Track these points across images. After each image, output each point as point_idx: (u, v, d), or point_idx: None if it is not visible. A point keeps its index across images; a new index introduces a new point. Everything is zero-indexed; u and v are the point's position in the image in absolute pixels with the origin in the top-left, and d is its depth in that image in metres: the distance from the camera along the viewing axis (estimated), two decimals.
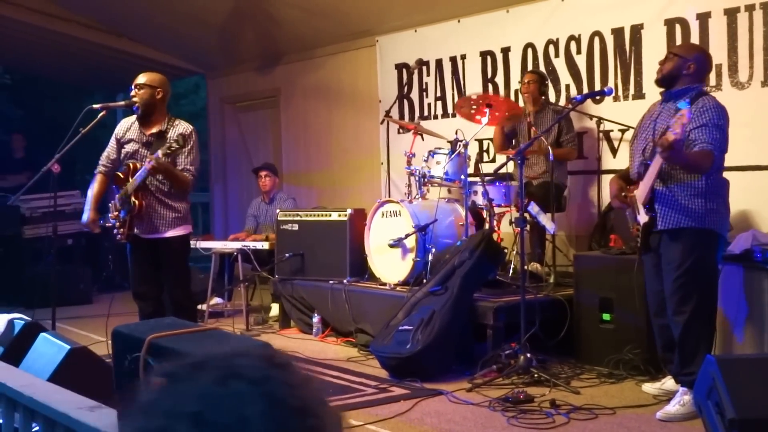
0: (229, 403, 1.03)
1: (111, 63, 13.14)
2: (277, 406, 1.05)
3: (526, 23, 8.18)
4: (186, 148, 6.10)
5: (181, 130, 6.16)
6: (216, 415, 1.02)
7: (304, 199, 10.53)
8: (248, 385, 1.06)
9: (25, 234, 10.48)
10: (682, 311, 5.03)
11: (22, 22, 11.44)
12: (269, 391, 1.06)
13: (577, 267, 6.55)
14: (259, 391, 1.05)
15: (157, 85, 6.23)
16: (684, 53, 5.30)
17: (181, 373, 1.10)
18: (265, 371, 1.09)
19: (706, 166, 4.94)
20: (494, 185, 7.16)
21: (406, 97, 9.49)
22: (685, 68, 5.19)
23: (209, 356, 1.13)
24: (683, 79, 5.20)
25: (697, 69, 5.21)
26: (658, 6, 7.08)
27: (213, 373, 1.08)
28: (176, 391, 1.07)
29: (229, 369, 1.08)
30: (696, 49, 5.65)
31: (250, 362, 1.10)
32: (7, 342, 5.22)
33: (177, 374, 1.10)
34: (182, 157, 6.14)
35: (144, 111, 6.23)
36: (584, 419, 5.06)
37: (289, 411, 1.05)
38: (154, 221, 6.20)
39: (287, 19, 10.15)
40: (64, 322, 8.23)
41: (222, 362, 1.10)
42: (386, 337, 6.36)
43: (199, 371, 1.09)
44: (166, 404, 1.06)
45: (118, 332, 2.67)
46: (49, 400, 3.15)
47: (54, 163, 6.39)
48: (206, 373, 1.08)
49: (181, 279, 6.37)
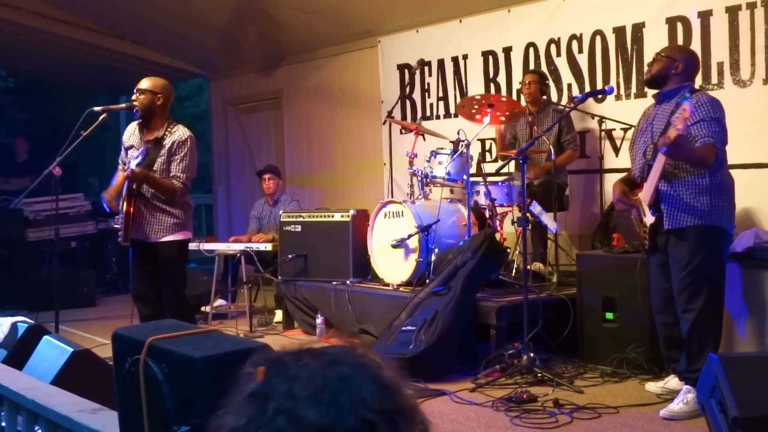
0: (340, 385, 1.12)
1: (114, 66, 13.17)
2: (383, 386, 1.15)
3: (527, 23, 8.18)
4: (179, 156, 6.07)
5: (176, 137, 6.11)
6: (330, 396, 1.11)
7: (306, 200, 10.54)
8: (353, 369, 1.15)
9: (29, 237, 10.50)
10: (691, 309, 5.03)
11: (25, 26, 11.46)
12: (371, 374, 1.15)
13: (580, 266, 6.55)
14: (363, 374, 1.15)
15: (158, 91, 6.18)
16: (671, 54, 5.34)
17: (285, 360, 1.18)
18: (360, 357, 1.18)
19: (710, 159, 4.95)
20: (496, 185, 7.16)
21: (408, 98, 9.49)
22: (673, 68, 5.23)
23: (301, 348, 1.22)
24: (672, 78, 5.24)
25: (686, 68, 5.25)
26: (659, 4, 7.07)
27: (318, 360, 1.16)
28: (287, 377, 1.14)
29: (329, 356, 1.17)
30: (684, 50, 5.69)
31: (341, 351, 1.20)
32: (11, 345, 5.23)
33: (282, 361, 1.18)
34: (174, 164, 6.09)
35: (143, 116, 6.20)
36: (588, 418, 5.06)
37: (391, 391, 1.16)
38: (151, 226, 6.16)
39: (289, 20, 10.16)
40: (68, 325, 8.25)
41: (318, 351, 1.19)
42: (389, 338, 6.36)
43: (302, 359, 1.17)
44: (281, 388, 1.13)
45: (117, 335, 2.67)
46: (51, 403, 3.16)
47: (55, 166, 6.40)
48: (311, 360, 1.16)
49: (175, 284, 6.28)
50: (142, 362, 2.47)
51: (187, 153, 6.11)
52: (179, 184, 6.09)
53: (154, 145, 6.14)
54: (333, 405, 1.09)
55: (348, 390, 1.11)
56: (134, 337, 2.59)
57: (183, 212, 6.24)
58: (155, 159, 6.11)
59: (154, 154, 6.11)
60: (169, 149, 6.10)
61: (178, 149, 6.09)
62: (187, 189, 6.19)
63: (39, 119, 16.57)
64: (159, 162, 6.09)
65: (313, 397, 1.10)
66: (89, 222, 11.15)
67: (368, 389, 1.12)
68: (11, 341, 5.28)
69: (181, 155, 6.09)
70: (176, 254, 6.25)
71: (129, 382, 2.57)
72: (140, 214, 6.13)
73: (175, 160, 6.08)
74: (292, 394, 1.11)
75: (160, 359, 2.45)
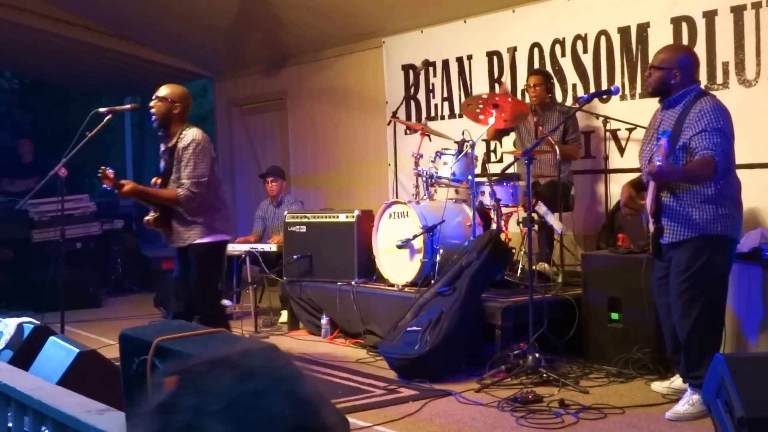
0: (252, 400, 1.05)
1: (118, 67, 13.20)
2: (298, 402, 1.07)
3: (532, 23, 8.17)
4: (183, 161, 6.00)
5: (182, 143, 6.03)
6: (241, 412, 1.04)
7: (311, 200, 10.54)
8: (268, 383, 1.07)
9: (34, 238, 10.52)
10: (688, 315, 5.00)
11: (29, 27, 11.48)
12: (288, 389, 1.08)
13: (585, 266, 6.54)
14: (279, 389, 1.07)
15: (175, 99, 6.12)
16: (665, 64, 5.16)
17: (198, 371, 1.11)
18: (277, 371, 1.11)
19: (706, 174, 4.91)
20: (501, 185, 7.16)
21: (412, 98, 9.49)
22: (672, 78, 5.12)
23: (218, 356, 1.14)
24: (674, 87, 5.14)
25: (684, 74, 5.12)
26: (664, 4, 7.07)
27: (233, 372, 1.09)
28: (198, 389, 1.08)
29: (245, 368, 1.10)
30: (677, 52, 5.42)
31: (260, 362, 1.12)
32: (17, 346, 5.23)
33: (194, 372, 1.11)
34: (181, 170, 6.02)
35: (160, 124, 6.15)
36: (593, 419, 5.06)
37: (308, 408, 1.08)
38: (179, 234, 6.15)
39: (293, 21, 10.16)
40: (73, 326, 8.26)
41: (235, 362, 1.11)
42: (395, 338, 6.36)
43: (216, 370, 1.10)
44: (189, 401, 1.06)
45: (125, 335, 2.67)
46: (58, 403, 3.16)
47: (61, 167, 6.41)
48: (225, 372, 1.09)
49: (199, 287, 6.18)
50: (150, 362, 2.48)
51: (191, 157, 5.98)
52: (183, 192, 5.97)
53: (170, 154, 6.11)
54: (243, 422, 1.03)
55: (261, 406, 1.05)
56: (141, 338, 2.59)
57: (211, 217, 6.14)
58: (170, 168, 6.08)
59: (169, 163, 6.09)
60: (177, 157, 6.04)
61: (183, 154, 6.01)
62: (194, 195, 5.99)
63: (43, 120, 16.61)
64: (173, 171, 6.06)
65: (223, 413, 1.03)
66: (94, 223, 11.16)
67: (282, 406, 1.05)
68: (17, 342, 5.28)
69: (186, 160, 5.99)
70: (202, 257, 6.13)
71: (136, 383, 2.58)
72: (168, 220, 6.14)
73: (181, 166, 6.01)
74: (201, 409, 1.04)
75: (168, 360, 2.45)
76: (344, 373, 6.40)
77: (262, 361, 1.12)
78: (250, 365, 1.10)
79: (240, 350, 1.16)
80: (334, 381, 6.12)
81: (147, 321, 8.01)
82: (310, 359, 6.82)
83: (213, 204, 6.18)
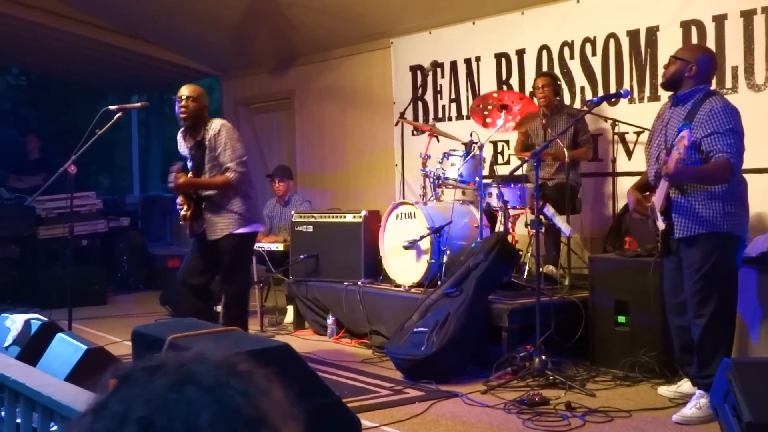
0: (178, 408, 1.02)
1: (125, 65, 13.21)
2: (229, 414, 1.03)
3: (541, 25, 8.17)
4: (220, 147, 6.25)
5: (211, 132, 6.30)
6: (164, 421, 1.01)
7: (318, 200, 10.54)
8: (201, 392, 1.04)
9: (40, 235, 10.53)
10: (702, 314, 5.01)
11: (37, 24, 11.49)
12: (222, 398, 1.04)
13: (593, 269, 6.54)
14: (211, 398, 1.04)
15: (202, 98, 6.39)
16: (686, 56, 5.22)
17: (135, 376, 1.08)
18: (222, 378, 1.07)
19: (723, 176, 4.90)
20: (509, 187, 7.15)
21: (420, 99, 9.49)
22: (687, 71, 5.13)
23: (168, 359, 1.11)
24: (687, 81, 5.14)
25: (700, 70, 5.14)
26: (673, 8, 7.06)
27: (168, 378, 1.06)
28: (127, 395, 1.05)
29: (185, 374, 1.07)
30: (699, 50, 5.56)
31: (207, 368, 1.08)
32: (24, 342, 5.23)
33: (131, 377, 1.08)
34: (221, 156, 6.28)
35: (192, 124, 6.37)
36: (600, 422, 5.05)
37: (242, 420, 1.04)
38: (216, 225, 6.38)
39: (302, 20, 10.16)
40: (79, 323, 8.26)
41: (179, 367, 1.09)
42: (401, 339, 6.36)
43: (155, 375, 1.07)
44: (115, 407, 1.04)
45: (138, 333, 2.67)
46: (68, 400, 3.16)
47: (70, 164, 6.42)
48: (161, 378, 1.06)
49: (232, 277, 6.51)
50: None
51: (226, 141, 6.27)
52: (232, 174, 6.27)
53: (198, 149, 6.34)
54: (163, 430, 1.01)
55: (186, 415, 1.01)
56: (154, 335, 2.60)
57: (244, 205, 6.40)
58: (202, 160, 6.32)
59: (199, 157, 6.32)
60: (209, 147, 6.29)
61: (216, 142, 6.27)
62: (242, 174, 6.31)
63: (50, 117, 16.62)
64: (205, 162, 6.30)
65: (144, 420, 1.01)
66: (100, 220, 11.17)
67: (210, 415, 1.01)
68: (24, 338, 5.28)
69: (222, 146, 6.26)
70: (237, 246, 6.42)
71: None
72: (204, 212, 6.39)
73: (218, 153, 6.27)
74: (123, 416, 1.03)
75: None
76: (350, 374, 6.40)
77: (210, 367, 1.09)
78: (192, 371, 1.07)
79: (193, 354, 1.12)
80: (340, 381, 6.12)
81: (153, 319, 8.06)
82: (316, 359, 6.82)
83: (246, 192, 6.48)
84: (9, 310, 6.08)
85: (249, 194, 6.53)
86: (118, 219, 11.81)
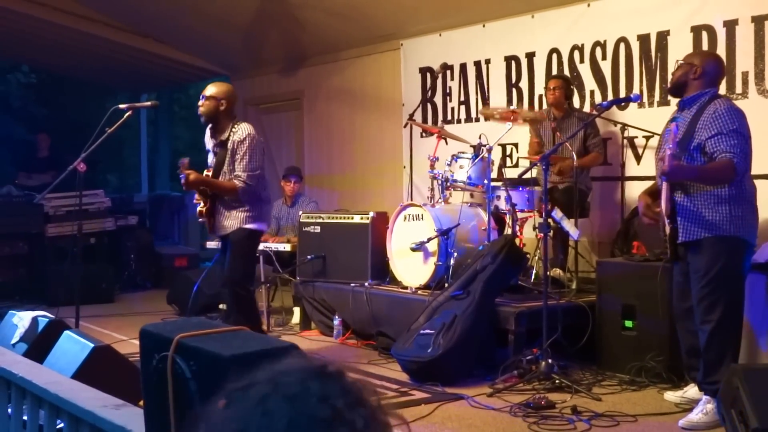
0: (261, 422, 1.08)
1: (135, 63, 13.23)
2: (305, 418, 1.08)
3: (551, 28, 8.17)
4: (238, 155, 6.40)
5: (236, 137, 6.44)
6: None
7: (326, 201, 10.55)
8: (281, 402, 1.10)
9: (48, 232, 10.56)
10: (709, 320, 4.99)
11: (47, 22, 11.52)
12: (300, 404, 1.09)
13: (600, 273, 6.53)
14: (289, 406, 1.09)
15: (221, 97, 6.48)
16: (691, 59, 5.24)
17: (234, 396, 1.15)
18: (304, 384, 1.12)
19: (726, 176, 4.89)
20: (517, 190, 7.15)
21: (429, 101, 9.49)
22: (691, 73, 5.13)
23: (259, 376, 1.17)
24: (692, 84, 5.14)
25: (706, 73, 5.13)
26: (684, 13, 7.05)
27: (257, 393, 1.12)
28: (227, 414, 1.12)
29: (271, 387, 1.13)
30: (705, 54, 5.60)
31: (292, 378, 1.14)
32: (31, 339, 5.26)
33: (232, 396, 1.15)
34: (236, 163, 6.43)
35: (207, 121, 6.56)
36: (606, 426, 5.04)
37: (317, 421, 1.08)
38: (227, 221, 6.55)
39: (312, 21, 10.17)
40: (86, 321, 8.25)
41: (267, 382, 1.14)
42: (407, 341, 6.36)
43: (248, 392, 1.14)
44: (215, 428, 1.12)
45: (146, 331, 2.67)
46: (74, 397, 3.17)
47: (80, 162, 6.43)
48: (253, 393, 1.13)
49: (235, 271, 6.59)
50: (170, 359, 2.48)
51: (246, 151, 6.40)
52: (240, 184, 6.40)
53: (221, 147, 6.50)
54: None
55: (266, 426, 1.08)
56: (162, 334, 2.60)
57: (250, 205, 6.55)
58: (223, 160, 6.48)
59: (221, 156, 6.48)
60: (231, 150, 6.43)
61: (238, 149, 6.42)
62: (249, 187, 6.44)
63: (60, 115, 16.66)
64: (225, 163, 6.46)
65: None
66: (108, 218, 11.20)
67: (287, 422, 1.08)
68: (32, 335, 5.31)
69: (241, 154, 6.41)
70: (244, 239, 6.56)
71: (156, 379, 2.58)
72: (216, 211, 6.58)
73: (236, 159, 6.42)
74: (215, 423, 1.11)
75: (188, 357, 2.46)
76: (356, 375, 6.38)
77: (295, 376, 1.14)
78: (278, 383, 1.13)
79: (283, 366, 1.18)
80: None
81: (160, 317, 8.07)
82: None
83: (259, 195, 6.63)
84: (17, 308, 6.11)
85: (261, 196, 6.64)
86: (126, 217, 11.84)
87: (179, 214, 14.14)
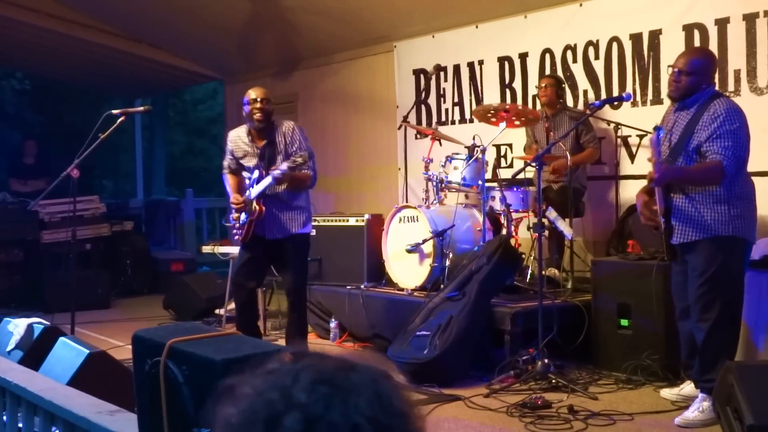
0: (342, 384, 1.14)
1: (130, 69, 13.23)
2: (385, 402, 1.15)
3: (544, 29, 8.17)
4: (296, 144, 6.43)
5: (283, 129, 6.49)
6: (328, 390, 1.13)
7: (320, 204, 10.53)
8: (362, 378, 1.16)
9: (44, 239, 10.56)
10: (706, 318, 4.99)
11: (41, 28, 11.51)
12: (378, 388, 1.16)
13: (595, 273, 6.53)
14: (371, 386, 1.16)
15: (272, 99, 6.61)
16: (697, 70, 5.10)
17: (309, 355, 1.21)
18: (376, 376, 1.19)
19: (712, 177, 4.90)
20: (512, 190, 7.16)
21: (423, 103, 9.49)
22: (703, 83, 5.07)
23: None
24: (688, 87, 5.10)
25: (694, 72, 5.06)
26: (676, 12, 7.06)
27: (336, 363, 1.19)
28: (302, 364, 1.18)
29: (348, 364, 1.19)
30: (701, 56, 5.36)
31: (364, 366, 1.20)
32: (27, 346, 5.25)
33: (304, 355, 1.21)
34: (295, 148, 6.42)
35: (267, 123, 6.53)
36: (602, 425, 5.05)
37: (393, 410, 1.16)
38: (286, 223, 6.49)
39: (305, 25, 10.18)
40: (82, 327, 8.26)
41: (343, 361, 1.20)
42: (404, 343, 6.36)
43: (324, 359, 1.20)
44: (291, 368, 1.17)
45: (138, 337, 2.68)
46: (69, 404, 3.17)
47: (74, 168, 6.43)
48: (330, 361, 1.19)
49: (301, 275, 6.63)
50: (163, 364, 2.48)
51: (299, 137, 6.45)
52: (309, 171, 6.46)
53: (269, 147, 6.48)
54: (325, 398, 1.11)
55: (346, 392, 1.13)
56: (154, 339, 2.60)
57: (307, 202, 6.66)
58: (275, 158, 6.43)
59: (272, 155, 6.45)
60: (284, 145, 6.44)
61: (291, 138, 6.45)
62: (315, 172, 6.56)
63: (54, 121, 16.66)
64: (279, 159, 6.39)
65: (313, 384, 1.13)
66: (104, 224, 11.20)
67: (368, 399, 1.13)
68: (27, 342, 5.30)
69: (298, 142, 6.44)
70: (305, 242, 6.65)
71: (149, 384, 2.58)
72: (275, 210, 6.47)
73: (294, 149, 6.40)
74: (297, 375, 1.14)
75: (181, 361, 2.46)
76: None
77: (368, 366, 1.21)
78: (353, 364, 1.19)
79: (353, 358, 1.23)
80: None
81: (156, 323, 8.07)
82: None
83: (309, 195, 6.74)
84: (12, 314, 6.10)
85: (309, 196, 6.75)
86: (121, 223, 11.83)
87: (175, 219, 14.13)
